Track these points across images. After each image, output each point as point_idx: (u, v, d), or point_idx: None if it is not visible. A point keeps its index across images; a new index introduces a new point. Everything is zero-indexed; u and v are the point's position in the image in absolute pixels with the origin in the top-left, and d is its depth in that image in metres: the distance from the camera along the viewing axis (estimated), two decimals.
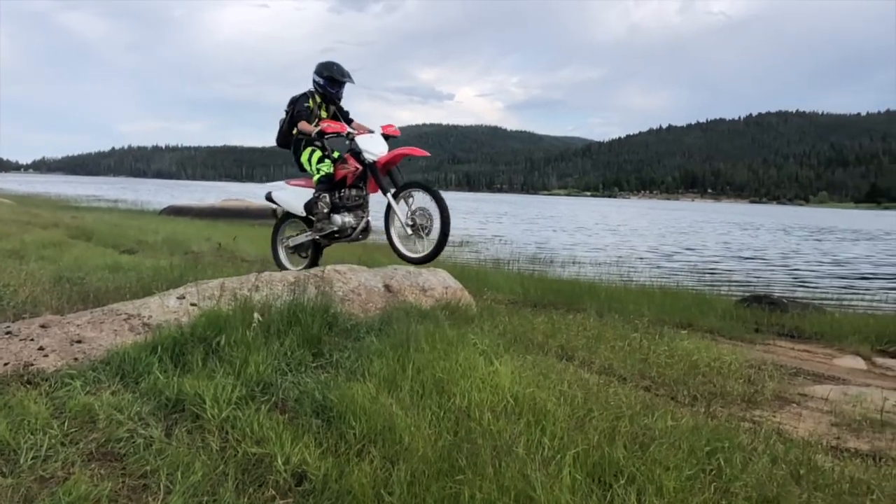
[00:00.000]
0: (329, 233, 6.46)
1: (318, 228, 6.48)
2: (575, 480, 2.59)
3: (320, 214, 6.38)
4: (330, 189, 6.39)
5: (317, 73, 6.64)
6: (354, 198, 6.39)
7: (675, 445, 3.07)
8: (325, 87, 6.62)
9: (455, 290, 6.70)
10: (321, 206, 6.36)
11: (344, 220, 6.38)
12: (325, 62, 6.68)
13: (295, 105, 6.68)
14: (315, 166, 6.47)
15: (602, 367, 5.11)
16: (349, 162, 6.33)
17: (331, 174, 6.38)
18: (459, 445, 2.85)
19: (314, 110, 6.64)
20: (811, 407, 4.82)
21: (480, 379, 3.71)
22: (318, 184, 6.43)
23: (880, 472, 3.24)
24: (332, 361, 4.11)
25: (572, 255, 18.98)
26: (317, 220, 6.44)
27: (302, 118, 6.54)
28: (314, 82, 6.66)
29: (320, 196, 6.37)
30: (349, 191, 6.39)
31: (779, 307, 9.13)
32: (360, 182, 6.34)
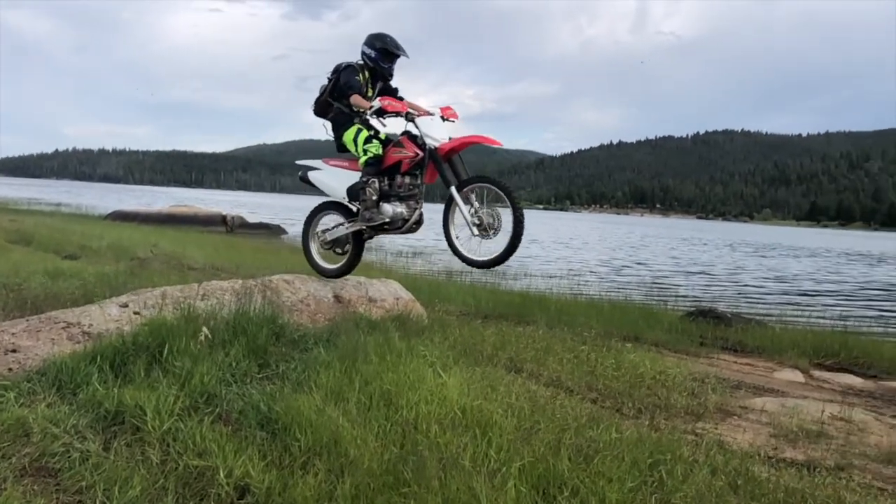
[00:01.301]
0: (378, 224, 5.70)
1: (365, 217, 5.69)
2: (520, 493, 2.61)
3: (369, 202, 5.61)
4: (379, 174, 5.66)
5: (367, 44, 5.87)
6: (408, 186, 5.64)
7: (619, 457, 3.11)
8: (376, 60, 5.84)
9: (406, 301, 6.69)
10: (370, 193, 5.60)
11: (396, 211, 5.61)
12: (376, 33, 5.91)
13: (341, 74, 5.88)
14: (362, 146, 5.70)
15: (550, 379, 5.16)
16: (406, 146, 5.55)
17: (379, 157, 5.63)
18: (406, 458, 2.84)
19: (363, 85, 5.90)
20: (751, 419, 4.94)
21: (429, 391, 3.71)
22: (365, 166, 5.67)
23: (814, 481, 3.34)
24: (279, 373, 4.05)
25: (524, 268, 19.14)
26: (364, 209, 5.67)
27: (355, 91, 5.75)
28: (363, 55, 5.88)
29: (369, 181, 5.62)
30: (403, 178, 5.63)
31: (723, 321, 9.36)
32: (417, 170, 5.60)
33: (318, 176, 6.16)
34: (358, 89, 5.75)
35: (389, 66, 5.90)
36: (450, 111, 5.65)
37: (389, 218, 5.60)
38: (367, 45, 5.85)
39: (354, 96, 5.71)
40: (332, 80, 5.96)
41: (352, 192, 5.88)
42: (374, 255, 19.67)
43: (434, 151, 5.39)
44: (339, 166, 6.06)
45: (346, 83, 5.79)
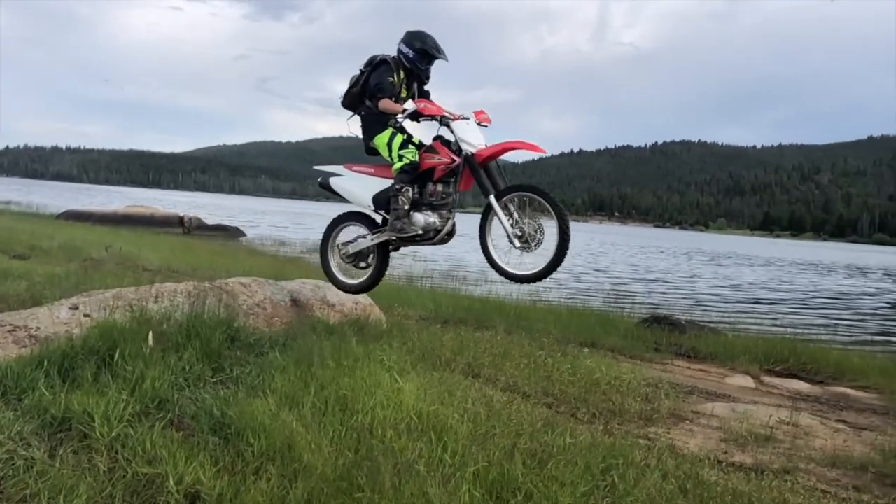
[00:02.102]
0: (410, 235, 5.32)
1: (394, 227, 5.27)
2: (473, 497, 2.62)
3: (400, 211, 5.20)
4: (412, 181, 5.26)
5: (405, 42, 5.45)
6: (441, 195, 5.28)
7: (573, 462, 3.15)
8: (413, 61, 5.43)
9: (365, 305, 6.67)
10: (402, 201, 5.19)
11: (428, 220, 5.24)
12: (415, 31, 5.49)
13: (375, 70, 5.46)
14: (397, 151, 5.29)
15: (507, 384, 5.19)
16: (440, 152, 5.20)
17: (416, 163, 5.22)
18: (360, 463, 2.83)
19: (396, 86, 5.49)
20: (703, 424, 5.05)
21: (385, 396, 3.70)
22: (398, 173, 5.24)
23: (761, 484, 3.43)
24: (233, 377, 4.00)
25: (485, 274, 19.19)
26: (394, 218, 5.26)
27: (386, 94, 5.37)
28: (399, 53, 5.47)
29: (402, 189, 5.19)
30: (435, 186, 5.26)
31: (678, 328, 9.53)
32: (450, 177, 5.26)
33: (341, 183, 5.73)
34: (389, 92, 5.38)
35: (427, 68, 5.54)
36: (483, 115, 5.31)
37: (421, 228, 5.23)
38: (405, 43, 5.45)
39: (384, 100, 5.35)
40: (363, 73, 5.56)
41: (378, 201, 5.47)
42: None
43: (471, 157, 5.04)
44: (364, 172, 5.65)
45: (377, 84, 5.40)
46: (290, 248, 24.64)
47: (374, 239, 5.54)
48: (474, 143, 5.06)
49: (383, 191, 5.40)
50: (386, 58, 5.46)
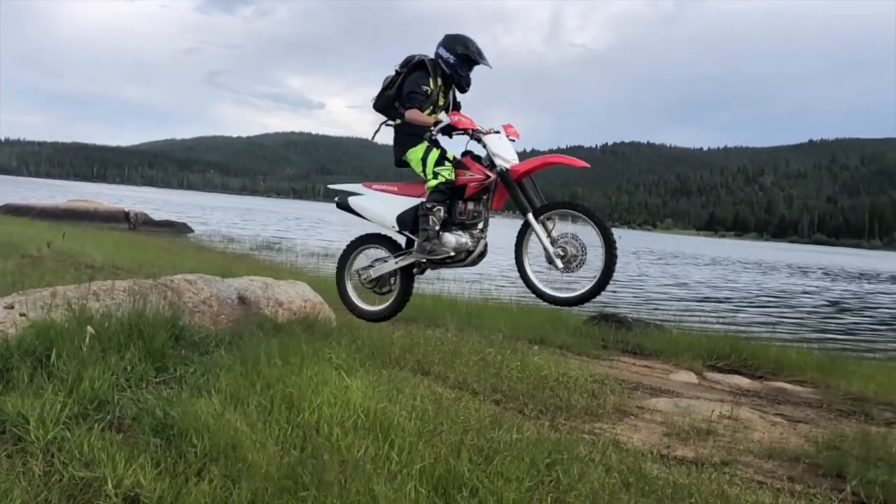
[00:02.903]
0: (441, 258, 4.96)
1: (424, 249, 4.91)
2: (419, 494, 2.63)
3: (430, 232, 4.84)
4: (445, 201, 4.91)
5: (445, 46, 5.06)
6: (472, 213, 4.95)
7: (519, 458, 3.19)
8: (454, 67, 5.05)
9: (315, 303, 6.61)
10: (432, 222, 4.83)
11: (460, 241, 4.90)
12: (456, 34, 5.11)
13: (410, 74, 5.08)
14: (432, 168, 4.93)
15: (456, 381, 5.22)
16: (472, 168, 4.92)
17: (452, 182, 4.88)
18: (305, 462, 2.80)
19: (432, 95, 5.10)
20: (647, 419, 5.16)
21: (332, 394, 3.68)
22: (432, 192, 4.88)
23: (700, 476, 3.53)
24: (177, 376, 3.92)
25: (438, 272, 19.20)
26: (423, 239, 4.90)
27: (415, 104, 4.98)
28: (438, 58, 5.09)
29: (433, 208, 4.83)
30: (466, 204, 4.94)
31: (624, 325, 9.72)
32: (483, 194, 4.95)
33: (362, 202, 5.35)
34: (420, 103, 4.99)
35: (467, 75, 5.15)
36: (511, 129, 5.02)
37: (453, 250, 4.89)
38: (445, 47, 5.07)
39: (413, 111, 4.97)
40: (400, 75, 5.16)
41: (404, 221, 5.12)
42: (284, 256, 19.34)
43: (506, 173, 4.75)
44: (386, 191, 5.30)
45: (409, 92, 5.01)
46: (239, 245, 24.26)
47: (399, 262, 5.19)
48: (508, 158, 4.80)
49: (408, 210, 5.08)
50: (424, 59, 5.08)
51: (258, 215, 62.19)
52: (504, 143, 4.85)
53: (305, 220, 59.83)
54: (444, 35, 5.13)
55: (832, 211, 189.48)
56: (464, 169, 4.92)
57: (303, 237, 35.46)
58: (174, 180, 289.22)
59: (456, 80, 5.13)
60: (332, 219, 71.31)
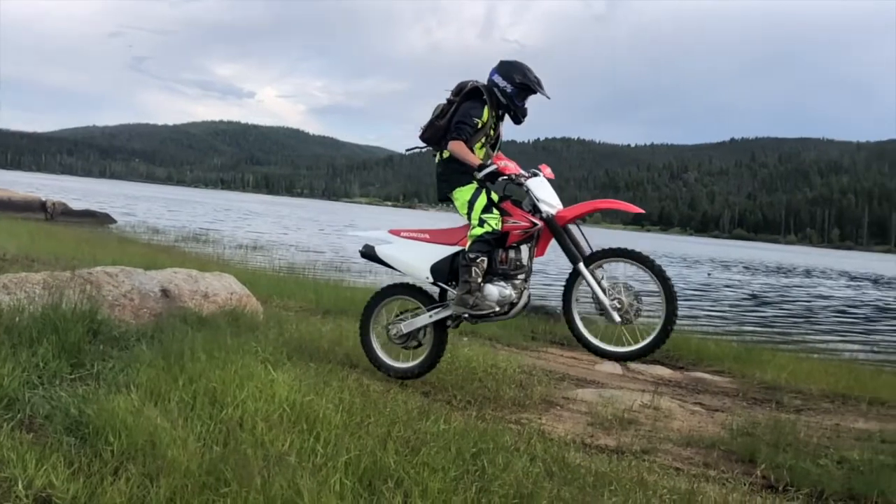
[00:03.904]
0: (487, 312, 4.60)
1: (465, 303, 4.53)
2: (344, 486, 2.62)
3: (472, 284, 4.47)
4: (489, 251, 4.55)
5: (501, 75, 4.69)
6: (515, 262, 4.60)
7: (445, 448, 3.21)
8: (511, 97, 4.67)
9: (241, 296, 6.49)
10: (475, 273, 4.47)
11: (503, 293, 4.53)
12: (514, 62, 4.73)
13: (462, 104, 4.70)
14: (479, 214, 4.55)
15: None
16: (514, 214, 4.58)
17: (498, 232, 4.53)
18: (228, 458, 2.75)
19: (484, 127, 4.73)
20: (572, 409, 5.28)
21: (257, 388, 3.63)
22: (476, 241, 4.52)
23: (621, 465, 3.64)
24: (94, 373, 3.78)
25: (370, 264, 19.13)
26: (464, 292, 4.52)
27: (462, 136, 4.59)
28: (493, 85, 4.70)
29: (476, 259, 4.47)
30: (507, 252, 4.59)
31: (553, 317, 9.90)
32: (525, 242, 4.63)
33: (391, 252, 4.96)
34: (467, 135, 4.62)
35: (523, 105, 4.77)
36: (548, 170, 4.78)
37: (497, 303, 4.55)
38: (501, 75, 4.70)
39: (458, 144, 4.59)
40: (453, 105, 4.79)
41: (439, 272, 4.76)
42: (211, 248, 18.89)
43: (552, 220, 4.48)
44: (417, 238, 4.92)
45: (458, 122, 4.61)
46: (165, 237, 23.53)
47: (434, 315, 4.83)
48: (553, 203, 4.53)
49: (443, 259, 4.74)
50: (479, 87, 4.71)
51: (185, 206, 60.49)
52: (547, 188, 4.60)
53: (234, 212, 58.53)
54: (500, 62, 4.77)
55: (751, 207, 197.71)
56: (506, 215, 4.61)
57: (231, 229, 34.68)
58: (96, 169, 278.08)
59: (511, 110, 4.77)
60: (261, 210, 70.01)
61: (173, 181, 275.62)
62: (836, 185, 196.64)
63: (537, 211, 4.52)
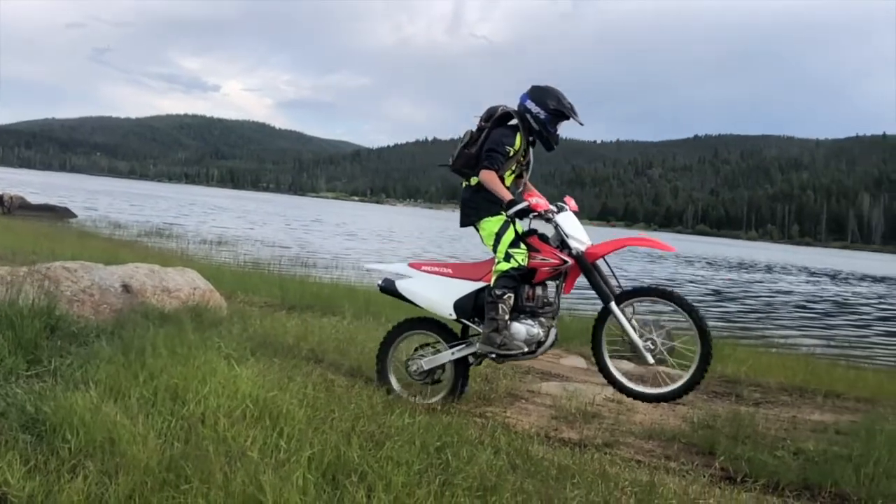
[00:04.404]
0: (514, 353, 4.42)
1: (492, 342, 4.34)
2: (307, 481, 2.61)
3: (500, 322, 4.30)
4: (515, 287, 4.38)
5: (534, 100, 4.49)
6: (542, 299, 4.44)
7: (409, 442, 3.23)
8: (544, 123, 4.48)
9: (204, 291, 6.42)
10: (502, 311, 4.30)
11: (531, 332, 4.37)
12: (545, 87, 4.56)
13: (494, 131, 4.51)
14: (505, 249, 4.36)
15: (351, 368, 5.20)
16: (542, 250, 4.41)
17: (524, 268, 4.35)
18: (189, 454, 2.73)
19: (516, 154, 4.54)
20: (537, 402, 5.32)
21: (220, 384, 3.60)
22: (501, 276, 4.34)
23: (584, 457, 3.68)
24: (51, 369, 3.72)
25: (337, 260, 19.06)
26: (490, 330, 4.34)
27: (494, 165, 4.41)
28: (525, 111, 4.51)
29: (503, 295, 4.30)
30: (534, 289, 4.42)
31: None
32: (553, 279, 4.48)
33: (411, 287, 4.72)
34: (499, 164, 4.43)
35: (556, 131, 4.58)
36: (572, 203, 4.62)
37: (525, 343, 4.38)
38: (534, 101, 4.50)
39: (489, 173, 4.40)
40: (482, 132, 4.59)
41: (462, 308, 4.57)
42: (175, 243, 18.62)
43: (583, 257, 4.33)
44: (439, 273, 4.70)
45: (489, 150, 4.42)
46: (127, 231, 23.11)
47: (457, 353, 4.64)
48: (583, 239, 4.39)
49: (468, 295, 4.56)
50: (510, 112, 4.56)
51: (148, 200, 59.47)
52: (576, 223, 4.47)
53: (199, 206, 57.72)
54: (532, 87, 4.60)
55: (714, 203, 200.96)
56: (533, 251, 4.43)
57: (196, 223, 34.20)
58: (55, 162, 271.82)
59: (544, 137, 4.56)
60: (227, 204, 69.15)
61: (136, 175, 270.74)
62: (796, 181, 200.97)
63: (565, 247, 4.39)
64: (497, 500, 2.72)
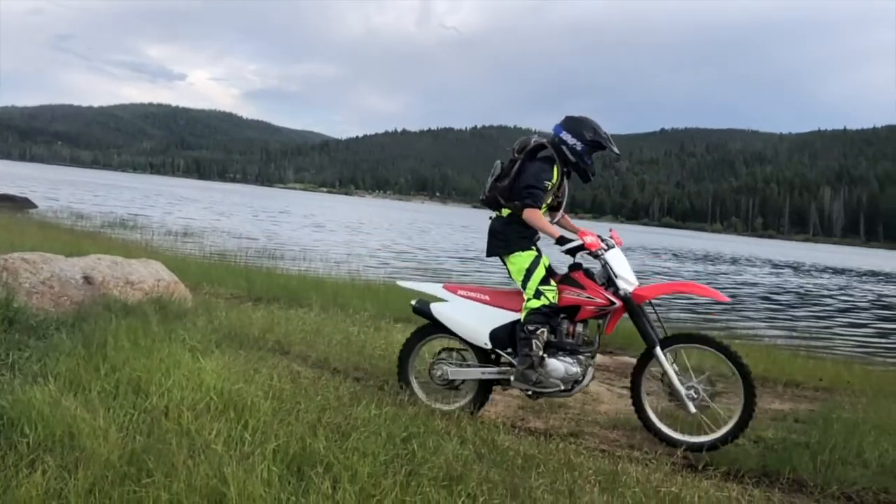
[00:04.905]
0: (551, 392, 4.30)
1: (527, 379, 4.24)
2: (272, 473, 2.59)
3: (535, 359, 4.19)
4: (548, 323, 4.26)
5: (570, 131, 4.41)
6: (582, 337, 4.34)
7: (376, 433, 3.23)
8: (581, 155, 4.41)
9: (169, 283, 6.33)
10: (536, 347, 4.18)
11: (569, 370, 4.23)
12: (580, 118, 4.48)
13: (530, 163, 4.39)
14: (535, 286, 4.25)
15: (317, 360, 5.18)
16: (587, 287, 4.28)
17: (554, 305, 4.25)
18: (151, 447, 2.69)
19: (553, 188, 4.46)
20: (503, 392, 5.34)
21: (184, 376, 3.56)
22: (532, 313, 4.22)
23: (548, 447, 3.72)
24: (9, 363, 3.65)
25: (305, 252, 18.92)
26: (525, 367, 4.22)
27: (537, 203, 4.29)
28: (562, 143, 4.41)
29: (537, 331, 4.18)
30: (576, 326, 4.32)
31: None
32: (598, 318, 4.37)
33: (448, 312, 4.54)
34: (541, 201, 4.33)
35: (592, 162, 4.51)
36: (618, 236, 4.53)
37: (561, 381, 4.24)
38: (570, 132, 4.41)
39: (533, 212, 4.28)
40: (514, 162, 4.49)
41: (499, 338, 4.40)
42: (139, 234, 18.31)
43: (631, 300, 4.22)
44: (476, 299, 4.53)
45: (529, 187, 4.29)
46: (90, 222, 22.63)
47: (486, 375, 4.49)
48: (631, 280, 4.28)
49: (505, 325, 4.39)
50: (545, 144, 4.43)
51: (112, 191, 58.36)
52: (624, 262, 4.36)
53: (165, 197, 56.81)
54: (565, 118, 4.52)
55: (680, 196, 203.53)
56: (577, 287, 4.30)
57: (161, 214, 33.65)
58: (15, 151, 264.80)
59: (581, 168, 4.48)
60: (193, 195, 68.15)
61: (99, 165, 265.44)
62: (760, 174, 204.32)
63: (612, 285, 4.28)
64: (463, 489, 2.73)
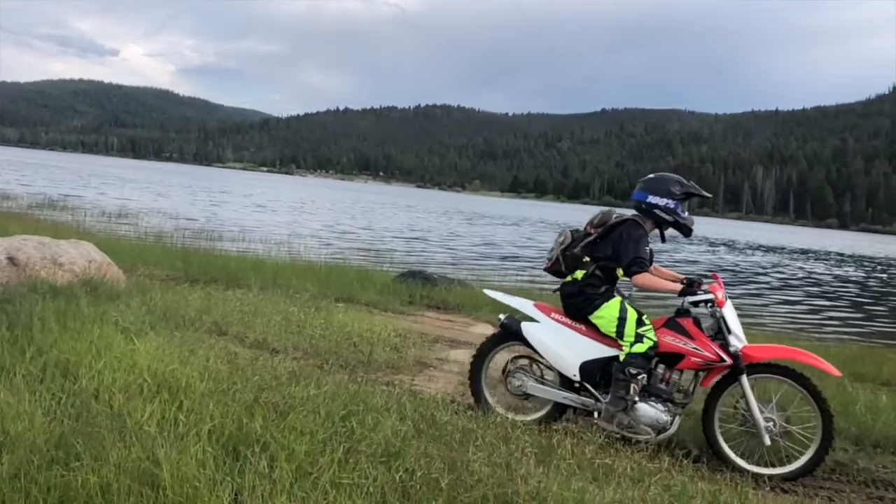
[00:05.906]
0: (642, 437, 4.06)
1: (619, 422, 4.07)
2: (206, 454, 2.56)
3: (629, 402, 4.03)
4: (648, 367, 4.11)
5: (657, 193, 4.31)
6: (677, 386, 4.18)
7: (314, 412, 3.21)
8: (675, 211, 4.30)
9: (101, 264, 6.15)
10: (633, 391, 4.02)
11: (660, 419, 4.04)
12: (660, 177, 4.43)
13: (626, 233, 4.27)
14: (635, 330, 4.10)
15: (255, 340, 5.12)
16: (697, 339, 4.09)
17: (657, 346, 4.09)
18: (80, 430, 2.62)
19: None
20: (445, 369, 5.40)
21: (116, 358, 3.48)
22: (635, 356, 4.06)
23: (487, 421, 3.77)
24: None
25: (245, 233, 18.56)
26: (617, 408, 4.06)
27: (644, 269, 4.21)
28: (654, 208, 4.30)
29: (637, 375, 4.03)
30: (672, 373, 4.16)
31: (430, 282, 10.03)
32: (701, 370, 4.17)
33: (538, 334, 4.37)
34: (646, 267, 4.24)
35: (686, 213, 4.39)
36: (720, 281, 4.34)
37: (650, 426, 4.05)
38: (656, 194, 4.31)
39: (643, 277, 4.19)
40: (588, 234, 4.41)
41: (589, 373, 4.24)
42: (71, 215, 17.65)
43: (739, 359, 4.02)
44: (570, 326, 4.34)
45: (635, 257, 4.18)
46: (15, 203, 21.68)
47: (565, 400, 4.33)
48: (742, 337, 4.14)
49: (597, 361, 4.23)
50: (636, 218, 4.34)
51: (41, 170, 56.01)
52: (736, 318, 4.21)
53: (99, 177, 54.83)
54: (644, 183, 4.42)
55: (619, 175, 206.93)
56: (684, 336, 4.12)
57: (95, 195, 32.47)
58: None
59: (680, 224, 4.35)
60: (129, 175, 66.00)
61: (26, 143, 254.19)
62: (696, 154, 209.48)
63: (719, 337, 4.13)
64: (401, 464, 2.75)
